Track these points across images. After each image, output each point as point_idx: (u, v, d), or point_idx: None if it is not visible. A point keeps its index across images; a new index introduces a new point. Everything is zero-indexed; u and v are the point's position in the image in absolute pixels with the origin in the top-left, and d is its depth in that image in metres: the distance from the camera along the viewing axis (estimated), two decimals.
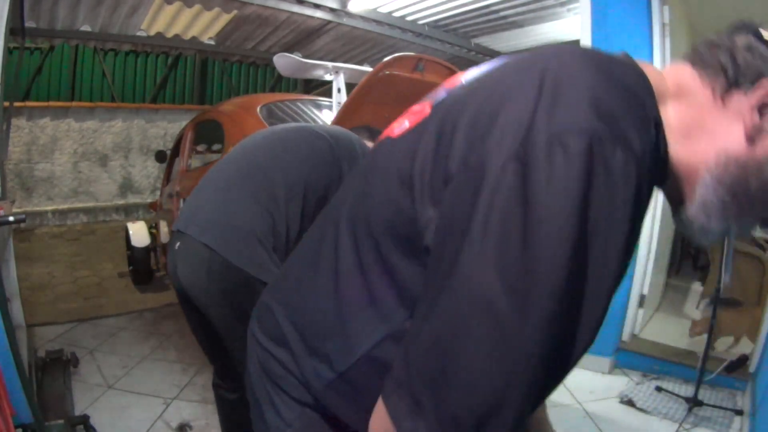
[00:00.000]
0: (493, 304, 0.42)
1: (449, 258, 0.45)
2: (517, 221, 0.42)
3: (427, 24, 4.92)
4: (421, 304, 0.49)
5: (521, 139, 0.43)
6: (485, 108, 0.49)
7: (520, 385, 0.43)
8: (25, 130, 5.52)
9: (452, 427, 0.43)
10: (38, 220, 5.67)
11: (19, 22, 3.38)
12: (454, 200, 0.47)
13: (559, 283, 0.42)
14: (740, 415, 2.32)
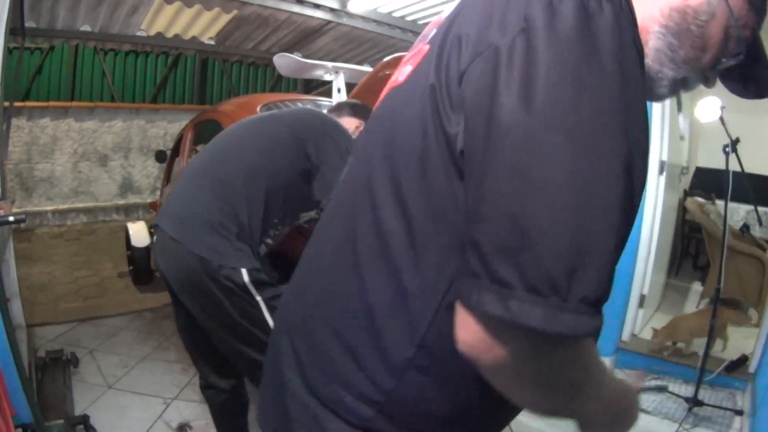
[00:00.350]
0: (542, 154, 0.44)
1: (488, 134, 0.47)
2: (540, 75, 0.45)
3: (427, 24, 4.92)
4: (470, 190, 0.49)
5: (523, 16, 0.47)
6: (481, 13, 0.52)
7: (595, 231, 0.44)
8: (25, 130, 5.52)
9: (545, 287, 0.43)
10: (38, 220, 5.67)
11: (19, 22, 3.38)
12: (476, 86, 0.49)
13: (590, 116, 0.45)
14: (740, 415, 2.32)
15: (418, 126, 0.55)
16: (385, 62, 2.30)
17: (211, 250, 1.49)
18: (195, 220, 1.54)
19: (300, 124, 1.71)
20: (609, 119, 0.45)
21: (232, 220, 1.53)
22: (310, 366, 0.63)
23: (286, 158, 1.63)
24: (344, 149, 1.66)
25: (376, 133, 0.64)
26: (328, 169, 1.64)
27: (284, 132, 1.68)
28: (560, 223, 0.43)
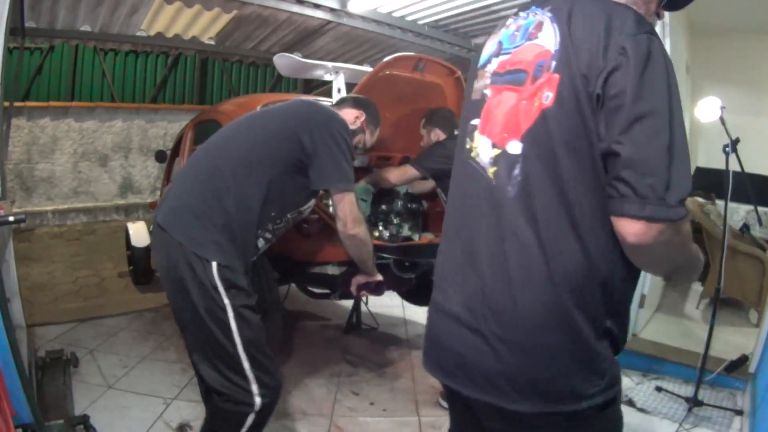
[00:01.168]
0: (672, 117, 0.78)
1: (633, 100, 0.76)
2: (658, 76, 0.78)
3: (427, 24, 4.91)
4: (616, 137, 0.78)
5: (640, 41, 0.78)
6: (590, 47, 0.80)
7: (684, 165, 0.77)
8: (25, 130, 5.52)
9: (662, 196, 0.75)
10: (38, 220, 5.67)
11: (19, 22, 3.38)
12: (614, 90, 0.77)
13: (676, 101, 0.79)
14: (740, 415, 2.32)
15: (577, 128, 0.81)
16: (385, 62, 2.30)
17: (189, 237, 1.50)
18: (182, 208, 1.55)
19: (294, 115, 1.72)
20: (678, 97, 0.79)
21: (217, 211, 1.53)
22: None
23: (281, 150, 1.64)
24: (340, 138, 1.65)
25: (533, 142, 0.85)
26: (325, 159, 1.63)
27: (278, 124, 1.69)
28: (669, 162, 0.76)
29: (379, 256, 2.01)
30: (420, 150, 2.58)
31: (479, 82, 0.99)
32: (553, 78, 0.82)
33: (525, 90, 0.86)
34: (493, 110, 0.92)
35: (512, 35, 0.94)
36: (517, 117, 0.86)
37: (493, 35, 1.01)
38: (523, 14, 0.95)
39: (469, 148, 0.97)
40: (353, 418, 2.35)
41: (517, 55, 0.91)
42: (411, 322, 3.63)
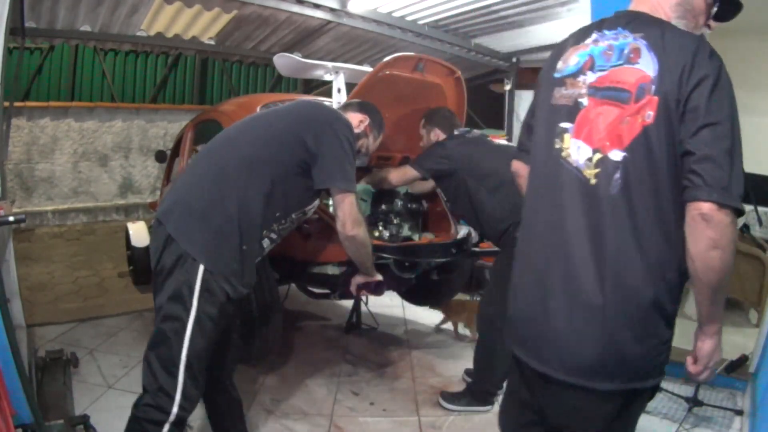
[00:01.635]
0: (733, 127, 0.99)
1: (706, 112, 0.97)
2: (725, 95, 0.99)
3: (427, 24, 4.91)
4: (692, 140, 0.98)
5: (709, 68, 0.99)
6: (677, 72, 0.99)
7: (741, 164, 1.00)
8: (25, 130, 5.52)
9: (727, 187, 0.95)
10: (38, 220, 5.67)
11: (19, 22, 3.38)
12: (695, 98, 0.97)
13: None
14: (740, 415, 2.32)
15: (671, 140, 0.99)
16: (385, 62, 2.30)
17: (183, 234, 1.49)
18: (182, 205, 1.55)
19: (298, 116, 1.73)
20: (737, 113, 1.01)
21: (217, 212, 1.52)
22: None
23: (285, 151, 1.64)
24: (344, 138, 1.67)
25: (635, 152, 1.02)
26: (328, 158, 1.64)
27: (283, 125, 1.70)
28: (731, 162, 0.97)
29: (379, 256, 2.01)
30: (420, 150, 2.58)
31: (569, 89, 1.13)
32: (653, 100, 1.00)
33: (629, 108, 1.03)
34: (593, 119, 1.07)
35: (605, 53, 1.09)
36: (620, 130, 1.03)
37: (574, 47, 1.16)
38: (610, 33, 1.11)
39: (560, 148, 1.11)
40: (353, 418, 2.35)
41: (617, 75, 1.06)
42: (411, 322, 3.63)
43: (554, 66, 1.18)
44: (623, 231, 1.01)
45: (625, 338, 1.01)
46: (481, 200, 2.30)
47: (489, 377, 2.39)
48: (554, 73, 1.17)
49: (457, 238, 2.63)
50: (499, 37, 5.53)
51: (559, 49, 1.21)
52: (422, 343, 3.27)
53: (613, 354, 1.01)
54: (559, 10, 4.46)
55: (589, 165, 1.05)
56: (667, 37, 1.03)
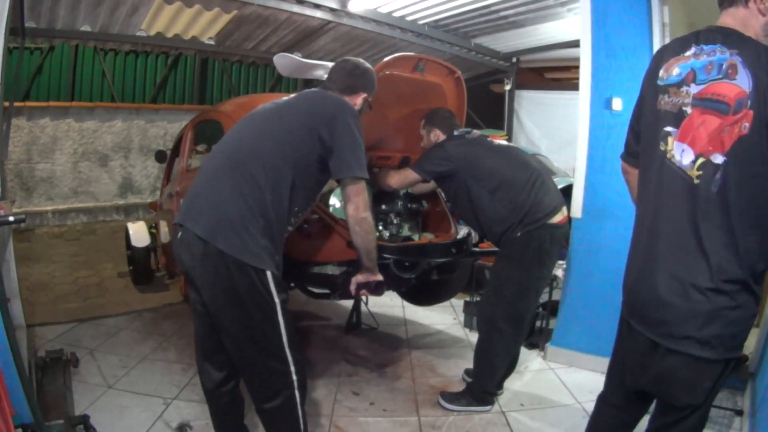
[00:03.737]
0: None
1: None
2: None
3: (427, 24, 4.92)
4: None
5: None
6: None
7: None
8: (25, 130, 5.52)
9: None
10: (38, 220, 5.67)
11: (19, 22, 3.38)
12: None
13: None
14: (740, 415, 2.32)
15: (763, 147, 1.14)
16: (385, 62, 2.30)
17: (242, 250, 1.56)
18: (223, 219, 1.59)
19: (309, 111, 1.77)
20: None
21: (258, 217, 1.60)
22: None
23: (302, 149, 1.70)
24: (354, 126, 1.74)
25: (734, 157, 1.17)
26: (344, 148, 1.71)
27: (296, 123, 1.73)
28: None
29: (379, 256, 2.01)
30: (420, 150, 2.58)
31: (673, 98, 1.28)
32: (749, 113, 1.15)
33: (728, 119, 1.18)
34: (697, 127, 1.22)
35: (706, 68, 1.23)
36: (721, 137, 1.18)
37: (675, 58, 1.30)
38: (708, 48, 1.25)
39: (664, 150, 1.27)
40: (353, 418, 2.35)
41: (717, 89, 1.20)
42: (411, 322, 3.63)
43: (656, 74, 1.33)
44: (719, 223, 1.19)
45: (724, 315, 1.20)
46: (481, 201, 2.30)
47: (489, 377, 2.39)
48: (658, 81, 1.32)
49: (457, 238, 2.63)
50: (499, 37, 5.53)
51: (658, 57, 1.36)
52: (422, 343, 3.27)
53: (715, 327, 1.20)
54: (559, 10, 4.46)
55: (692, 167, 1.22)
56: (762, 56, 1.18)
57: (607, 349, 2.45)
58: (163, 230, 3.87)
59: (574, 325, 2.87)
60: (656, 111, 1.31)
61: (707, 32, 1.28)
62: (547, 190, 2.30)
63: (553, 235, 2.28)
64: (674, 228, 1.25)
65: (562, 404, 2.50)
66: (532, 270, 2.30)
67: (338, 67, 1.96)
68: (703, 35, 1.28)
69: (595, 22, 2.69)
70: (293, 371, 1.67)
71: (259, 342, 1.64)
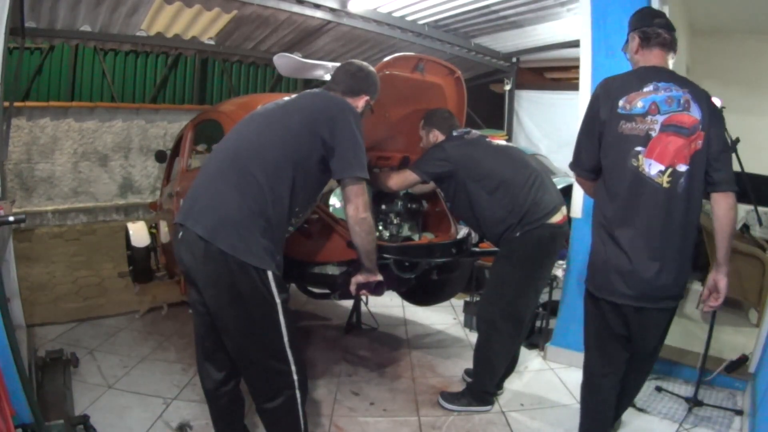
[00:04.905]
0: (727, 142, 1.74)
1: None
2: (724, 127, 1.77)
3: (427, 24, 4.91)
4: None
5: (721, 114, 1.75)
6: (713, 111, 1.69)
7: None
8: (25, 130, 5.51)
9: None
10: (38, 220, 5.67)
11: (19, 22, 3.38)
12: (716, 133, 1.67)
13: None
14: (740, 415, 2.32)
15: (705, 158, 1.67)
16: (385, 62, 2.30)
17: (243, 250, 1.57)
18: (224, 219, 1.59)
19: (311, 111, 1.77)
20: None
21: (258, 217, 1.61)
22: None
23: (303, 149, 1.70)
24: (355, 127, 1.75)
25: (692, 165, 1.65)
26: (345, 148, 1.72)
27: (297, 122, 1.73)
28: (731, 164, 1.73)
29: (379, 256, 2.01)
30: (420, 150, 2.58)
31: (639, 124, 1.65)
32: (701, 134, 1.64)
33: (688, 139, 1.63)
34: (665, 146, 1.63)
35: (666, 101, 1.64)
36: (684, 152, 1.63)
37: (635, 93, 1.67)
38: (662, 85, 1.66)
39: (636, 165, 1.66)
40: (353, 418, 2.35)
41: (679, 118, 1.63)
42: (411, 322, 3.63)
43: (617, 102, 1.68)
44: (684, 214, 1.66)
45: (682, 278, 1.72)
46: (480, 201, 2.30)
47: (489, 377, 2.39)
48: (619, 110, 1.67)
49: (457, 238, 2.63)
50: (499, 37, 5.53)
51: (608, 92, 1.72)
52: (422, 343, 3.27)
53: (677, 287, 1.72)
54: (559, 10, 4.46)
55: (661, 175, 1.63)
56: (699, 93, 1.68)
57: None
58: (163, 230, 3.87)
59: (574, 325, 2.86)
60: (619, 134, 1.67)
61: (657, 72, 1.69)
62: (546, 190, 2.31)
63: (553, 235, 2.28)
64: (650, 220, 1.65)
65: (562, 404, 2.50)
66: (532, 270, 2.30)
67: (342, 68, 1.97)
68: (654, 75, 1.68)
69: (595, 22, 2.69)
70: (294, 371, 1.68)
71: (259, 342, 1.64)
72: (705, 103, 1.65)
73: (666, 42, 1.72)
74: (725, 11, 4.02)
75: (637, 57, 1.76)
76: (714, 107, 1.66)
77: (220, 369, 1.78)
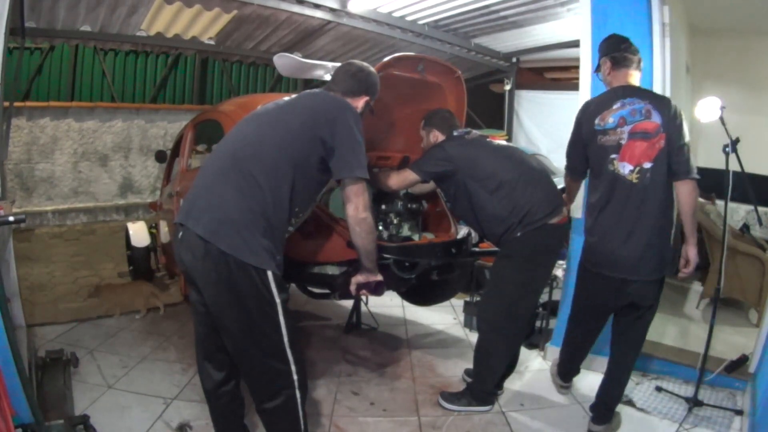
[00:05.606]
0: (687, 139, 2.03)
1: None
2: (683, 123, 2.07)
3: (427, 24, 4.91)
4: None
5: (681, 117, 2.04)
6: (673, 115, 1.99)
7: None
8: (25, 130, 5.52)
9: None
10: (38, 220, 5.67)
11: (19, 22, 3.37)
12: (676, 132, 1.98)
13: None
14: (740, 415, 2.32)
15: (667, 154, 2.00)
16: (385, 62, 2.30)
17: (243, 250, 1.57)
18: (224, 219, 1.59)
19: (311, 111, 1.77)
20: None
21: (259, 217, 1.61)
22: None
23: (303, 149, 1.70)
24: (355, 127, 1.76)
25: (656, 162, 1.97)
26: (345, 148, 1.72)
27: (298, 124, 1.73)
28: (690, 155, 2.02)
29: (379, 256, 2.01)
30: (420, 150, 2.58)
31: (611, 137, 2.01)
32: (663, 135, 1.95)
33: (652, 141, 1.96)
34: (633, 150, 1.97)
35: (631, 113, 1.99)
36: (648, 152, 1.96)
37: (607, 111, 2.04)
38: (628, 101, 2.01)
39: (613, 169, 2.01)
40: (353, 418, 2.35)
41: (643, 126, 1.97)
42: (411, 322, 3.63)
43: (593, 121, 2.06)
44: (651, 202, 1.98)
45: (662, 255, 2.03)
46: (480, 201, 2.30)
47: (489, 377, 2.39)
48: (596, 127, 2.05)
49: (457, 238, 2.63)
50: (499, 37, 5.53)
51: (586, 110, 2.12)
52: (422, 343, 3.27)
53: (659, 263, 2.03)
54: (559, 10, 4.46)
55: (632, 173, 1.98)
56: (659, 101, 2.01)
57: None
58: (163, 230, 3.87)
59: None
60: (599, 146, 2.05)
61: (624, 90, 2.04)
62: (546, 191, 2.30)
63: (553, 236, 2.28)
64: (625, 210, 2.00)
65: (562, 404, 2.50)
66: (532, 270, 2.30)
67: (342, 69, 1.97)
68: (621, 93, 2.04)
69: (595, 22, 2.69)
70: (294, 371, 1.68)
71: (259, 341, 1.64)
72: (665, 109, 1.96)
73: (632, 63, 2.08)
74: (725, 11, 4.02)
75: (609, 78, 2.12)
76: (673, 110, 1.96)
77: (220, 369, 1.79)
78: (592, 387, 2.44)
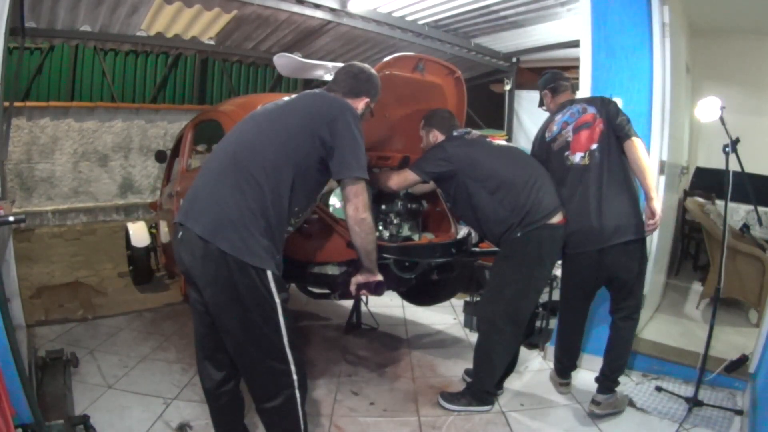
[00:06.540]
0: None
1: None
2: (615, 105, 2.45)
3: (427, 24, 4.91)
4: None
5: (612, 103, 2.45)
6: (602, 106, 2.38)
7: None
8: (25, 130, 5.51)
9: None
10: (38, 220, 5.66)
11: (19, 22, 3.38)
12: (614, 113, 2.35)
13: None
14: (740, 415, 2.32)
15: (611, 135, 2.33)
16: (385, 62, 2.30)
17: (242, 249, 1.57)
18: (224, 219, 1.59)
19: (311, 112, 1.77)
20: None
21: (258, 217, 1.61)
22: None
23: (303, 150, 1.70)
24: (355, 127, 1.75)
25: (600, 144, 2.33)
26: (345, 149, 1.72)
27: (298, 124, 1.73)
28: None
29: (379, 256, 2.01)
30: (420, 150, 2.58)
31: (559, 140, 2.37)
32: (600, 120, 2.29)
33: (593, 127, 2.29)
34: (580, 140, 2.30)
35: (570, 115, 2.37)
36: (592, 136, 2.28)
37: (551, 123, 2.44)
38: (566, 109, 2.40)
39: (569, 163, 2.32)
40: (353, 418, 2.35)
41: (583, 119, 2.32)
42: (411, 322, 3.63)
43: (543, 136, 2.46)
44: (608, 175, 2.24)
45: (631, 219, 2.24)
46: (480, 201, 2.30)
47: (489, 377, 2.39)
48: (546, 138, 2.44)
49: (457, 238, 2.63)
50: (499, 37, 5.52)
51: (540, 130, 2.50)
52: (422, 343, 3.27)
53: (632, 225, 2.23)
54: (559, 10, 4.46)
55: (583, 158, 2.29)
56: (590, 99, 2.44)
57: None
58: (163, 230, 3.87)
59: None
60: (554, 152, 2.38)
61: (562, 105, 2.45)
62: (547, 191, 2.30)
63: (553, 236, 2.28)
64: (588, 190, 2.25)
65: (562, 404, 2.50)
66: (532, 270, 2.30)
67: (343, 70, 1.97)
68: (560, 107, 2.44)
69: (595, 22, 2.69)
70: (294, 371, 1.68)
71: (259, 341, 1.64)
72: (596, 101, 2.36)
73: (567, 88, 2.49)
74: (725, 11, 4.02)
75: (552, 106, 2.51)
76: (605, 99, 2.36)
77: (220, 369, 1.79)
78: (591, 387, 2.45)
